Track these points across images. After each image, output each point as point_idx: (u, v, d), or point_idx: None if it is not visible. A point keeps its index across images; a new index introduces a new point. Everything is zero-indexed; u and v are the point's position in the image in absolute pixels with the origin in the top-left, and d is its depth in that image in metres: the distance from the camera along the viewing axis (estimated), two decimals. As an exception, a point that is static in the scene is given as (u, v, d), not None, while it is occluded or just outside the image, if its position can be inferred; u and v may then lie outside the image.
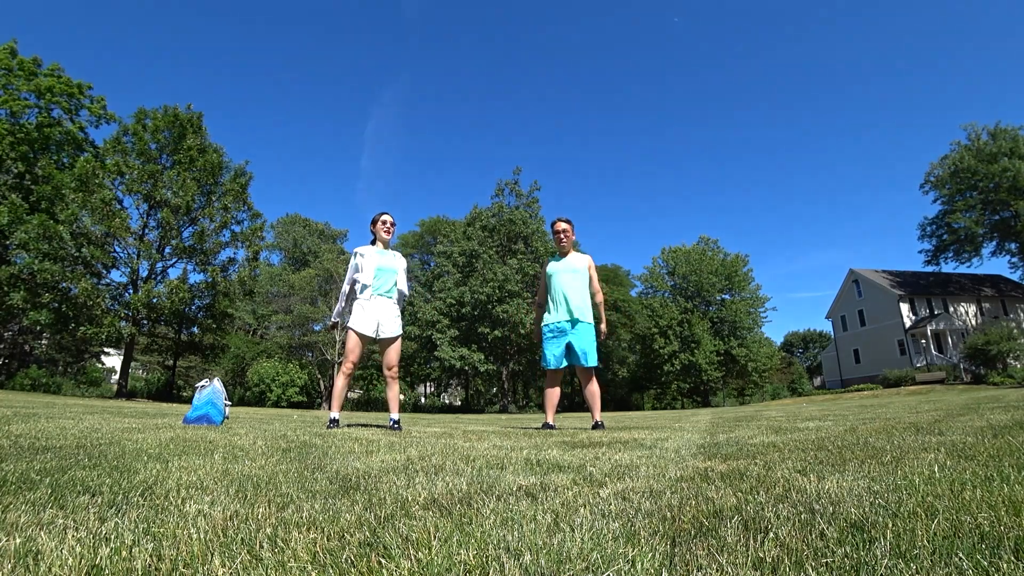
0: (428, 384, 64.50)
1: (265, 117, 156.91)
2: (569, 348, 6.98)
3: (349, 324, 6.65)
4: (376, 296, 6.66)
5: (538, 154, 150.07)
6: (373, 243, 6.96)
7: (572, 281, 7.02)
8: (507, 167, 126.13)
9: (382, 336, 6.63)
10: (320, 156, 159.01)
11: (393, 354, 6.67)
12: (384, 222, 6.89)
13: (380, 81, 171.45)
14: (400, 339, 6.81)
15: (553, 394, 7.09)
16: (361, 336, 6.53)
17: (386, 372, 6.68)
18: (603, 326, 7.16)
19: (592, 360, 6.87)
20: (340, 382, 6.53)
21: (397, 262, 6.86)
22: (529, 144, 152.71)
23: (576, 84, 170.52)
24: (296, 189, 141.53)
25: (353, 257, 6.80)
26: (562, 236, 7.24)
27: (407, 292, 6.98)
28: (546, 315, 7.17)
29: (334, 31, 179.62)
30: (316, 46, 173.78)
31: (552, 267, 7.21)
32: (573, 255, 7.25)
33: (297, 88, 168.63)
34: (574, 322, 6.96)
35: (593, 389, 6.94)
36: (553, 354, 6.98)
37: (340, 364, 6.65)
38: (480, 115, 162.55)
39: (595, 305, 7.09)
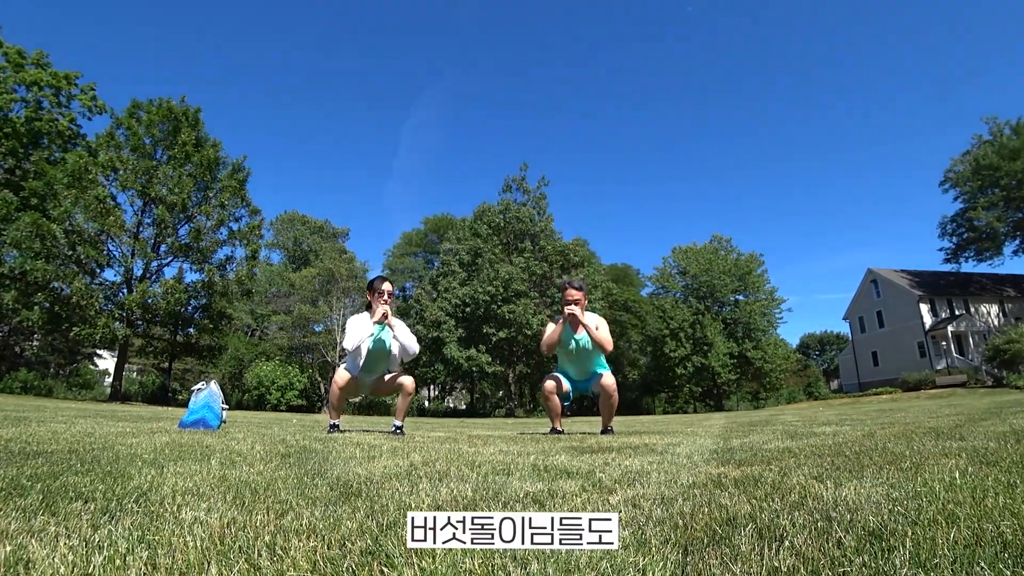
0: (432, 387, 64.57)
1: (267, 113, 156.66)
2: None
3: (343, 364, 6.65)
4: (365, 375, 6.61)
5: (545, 149, 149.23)
6: (368, 308, 6.74)
7: (587, 354, 6.92)
8: (513, 163, 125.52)
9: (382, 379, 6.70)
10: (323, 154, 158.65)
11: (403, 379, 6.57)
12: (382, 293, 6.57)
13: (387, 77, 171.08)
14: (400, 371, 6.78)
15: (552, 405, 6.97)
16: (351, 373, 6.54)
17: (405, 390, 6.55)
18: (584, 321, 7.00)
19: (604, 366, 6.92)
20: (336, 392, 6.51)
21: (391, 336, 6.67)
22: (535, 139, 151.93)
23: (584, 77, 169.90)
24: (298, 187, 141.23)
25: (347, 328, 6.54)
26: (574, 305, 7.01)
27: (409, 353, 6.77)
28: (561, 368, 7.18)
29: (338, 24, 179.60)
30: (317, 41, 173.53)
31: (566, 336, 6.95)
32: (586, 318, 7.07)
33: (304, 85, 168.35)
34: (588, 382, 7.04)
35: (612, 403, 6.84)
36: (561, 372, 7.03)
37: (339, 366, 6.63)
38: (485, 110, 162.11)
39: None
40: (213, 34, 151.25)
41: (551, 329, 6.98)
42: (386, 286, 6.61)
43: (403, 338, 6.63)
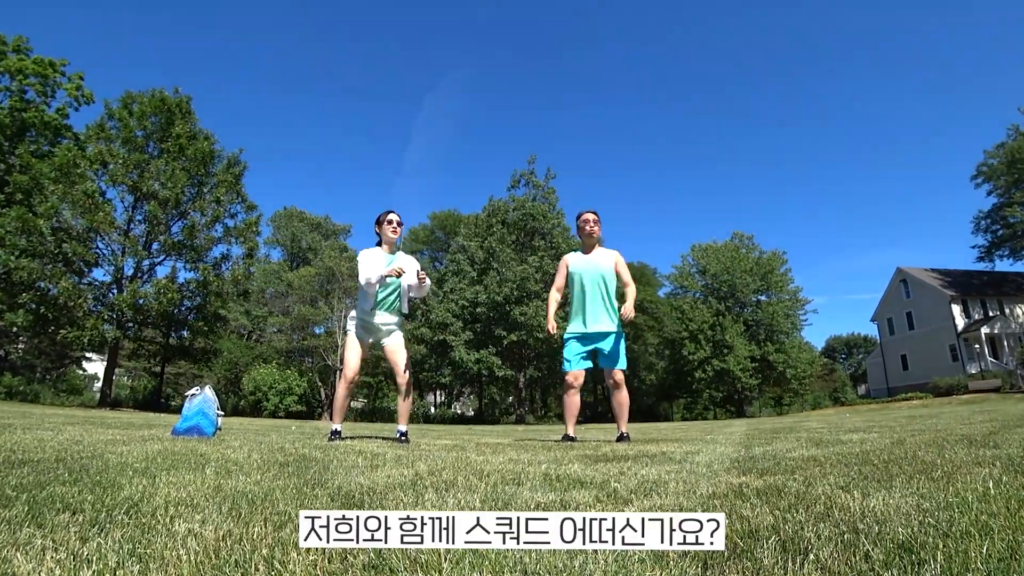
0: (439, 393, 64.51)
1: (267, 107, 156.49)
2: (594, 353, 6.97)
3: (348, 329, 6.68)
4: (380, 312, 6.63)
5: (558, 144, 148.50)
6: (379, 244, 6.89)
7: (599, 286, 6.94)
8: (524, 158, 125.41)
9: (384, 342, 6.65)
10: (324, 149, 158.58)
11: (400, 357, 6.63)
12: (390, 222, 6.80)
13: (395, 71, 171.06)
14: (402, 341, 6.80)
15: (572, 403, 7.01)
16: (361, 341, 6.56)
17: (398, 380, 6.63)
18: (629, 308, 6.93)
19: (621, 362, 6.83)
20: (341, 391, 6.54)
21: (405, 267, 6.78)
22: (549, 133, 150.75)
23: (598, 70, 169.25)
24: (298, 183, 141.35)
25: (359, 262, 6.72)
26: (586, 226, 7.18)
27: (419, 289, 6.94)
28: (571, 323, 7.09)
29: (343, 18, 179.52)
30: (320, 35, 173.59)
31: (575, 265, 7.12)
32: (599, 252, 7.15)
33: (307, 79, 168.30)
34: (601, 334, 6.90)
35: (622, 398, 6.87)
36: (575, 354, 6.93)
37: (341, 371, 6.65)
38: (498, 104, 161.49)
39: (627, 295, 7.00)
40: (213, 24, 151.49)
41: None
42: (392, 215, 6.85)
43: (412, 277, 6.79)
